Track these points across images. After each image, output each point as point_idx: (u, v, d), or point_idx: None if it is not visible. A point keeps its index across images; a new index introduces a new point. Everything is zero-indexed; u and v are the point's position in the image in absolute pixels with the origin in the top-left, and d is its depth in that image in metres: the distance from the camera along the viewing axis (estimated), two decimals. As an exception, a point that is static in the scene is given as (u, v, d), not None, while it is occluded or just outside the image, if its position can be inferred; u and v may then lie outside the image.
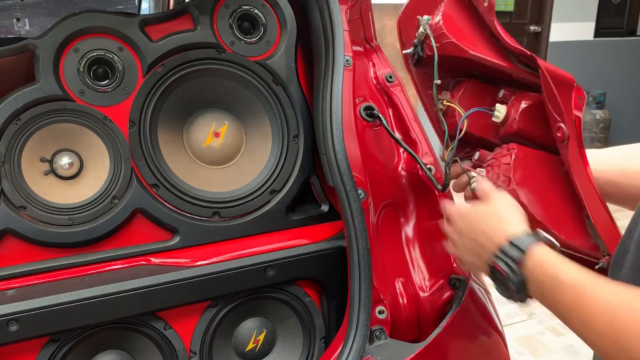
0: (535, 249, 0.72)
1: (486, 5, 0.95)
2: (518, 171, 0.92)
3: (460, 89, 1.04)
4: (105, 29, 1.06)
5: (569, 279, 0.67)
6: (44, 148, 1.04)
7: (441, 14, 1.00)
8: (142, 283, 1.00)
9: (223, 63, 1.14)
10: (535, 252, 0.72)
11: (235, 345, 1.13)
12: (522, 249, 0.73)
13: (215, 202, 1.12)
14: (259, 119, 1.18)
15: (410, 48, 1.08)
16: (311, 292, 1.16)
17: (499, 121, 0.97)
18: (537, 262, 0.71)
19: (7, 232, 0.99)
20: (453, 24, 0.99)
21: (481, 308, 1.15)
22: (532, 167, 0.94)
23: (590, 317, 0.62)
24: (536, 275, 0.71)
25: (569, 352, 2.59)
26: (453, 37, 0.97)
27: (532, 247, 0.73)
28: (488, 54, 0.96)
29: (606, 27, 5.80)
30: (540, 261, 0.71)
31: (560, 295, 0.67)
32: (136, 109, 1.08)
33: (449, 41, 0.97)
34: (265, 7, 1.17)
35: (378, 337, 1.04)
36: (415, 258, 1.16)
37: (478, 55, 0.96)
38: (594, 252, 0.91)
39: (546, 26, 5.57)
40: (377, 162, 1.16)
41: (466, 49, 0.96)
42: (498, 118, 0.97)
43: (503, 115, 0.96)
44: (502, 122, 0.98)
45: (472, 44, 0.97)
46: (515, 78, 0.97)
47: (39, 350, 0.98)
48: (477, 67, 0.99)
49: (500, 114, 0.97)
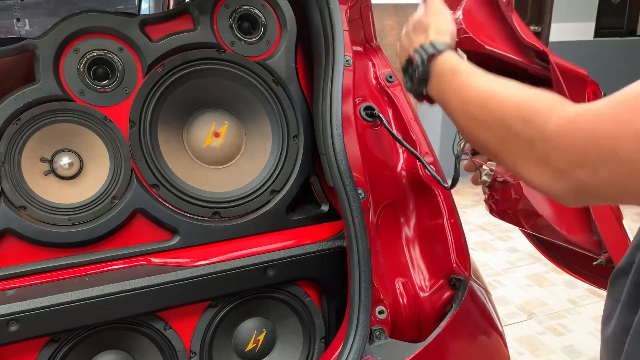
0: (448, 52, 0.82)
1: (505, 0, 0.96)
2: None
3: None
4: (105, 29, 1.06)
5: (464, 70, 0.77)
6: (44, 148, 1.04)
7: (462, 9, 1.01)
8: (142, 283, 1.00)
9: (223, 63, 1.14)
10: (447, 53, 0.82)
11: (235, 345, 1.13)
12: (438, 48, 0.83)
13: (215, 202, 1.12)
14: (259, 119, 1.18)
15: None
16: (311, 292, 1.16)
17: None
18: (444, 60, 0.81)
19: (7, 232, 0.99)
20: (473, 19, 1.00)
21: (481, 308, 1.15)
22: None
23: (468, 94, 0.73)
24: (440, 69, 0.81)
25: (569, 352, 2.59)
26: (471, 32, 0.98)
27: (446, 50, 0.82)
28: (505, 49, 0.97)
29: (606, 27, 5.80)
30: (447, 60, 0.81)
31: (451, 82, 0.77)
32: (136, 109, 1.08)
33: (466, 36, 0.98)
34: (265, 7, 1.17)
35: (378, 337, 1.04)
36: (415, 258, 1.16)
37: (493, 49, 0.97)
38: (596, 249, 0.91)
39: (546, 26, 5.56)
40: (377, 162, 1.16)
41: (482, 44, 0.97)
42: None
43: None
44: None
45: (490, 39, 0.98)
46: (531, 73, 0.97)
47: (39, 350, 0.98)
48: (496, 62, 1.00)
49: None
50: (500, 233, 3.93)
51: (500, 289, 3.12)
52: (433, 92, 0.82)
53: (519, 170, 0.65)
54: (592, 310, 2.91)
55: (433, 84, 0.81)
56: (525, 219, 0.94)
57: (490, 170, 0.97)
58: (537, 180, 0.63)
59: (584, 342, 2.65)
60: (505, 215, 0.97)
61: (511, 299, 3.03)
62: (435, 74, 0.81)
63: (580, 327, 2.78)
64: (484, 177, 0.97)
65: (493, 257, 3.55)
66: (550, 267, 3.35)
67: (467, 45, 0.99)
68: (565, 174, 0.59)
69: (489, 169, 0.97)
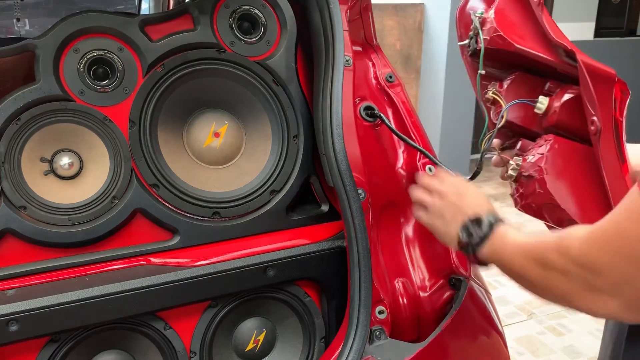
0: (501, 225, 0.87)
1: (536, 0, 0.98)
2: (550, 161, 0.95)
3: (508, 81, 1.06)
4: (105, 29, 1.06)
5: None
6: (44, 148, 1.04)
7: (494, 8, 1.03)
8: (142, 283, 1.00)
9: (223, 63, 1.14)
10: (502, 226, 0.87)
11: (235, 345, 1.13)
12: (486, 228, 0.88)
13: (215, 202, 1.12)
14: (259, 119, 1.18)
15: (466, 40, 1.11)
16: (311, 292, 1.16)
17: (541, 112, 1.00)
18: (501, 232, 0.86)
19: (7, 232, 0.99)
20: (505, 18, 1.01)
21: (481, 308, 1.15)
22: (566, 158, 0.96)
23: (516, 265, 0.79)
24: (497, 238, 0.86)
25: (569, 352, 2.59)
26: (501, 31, 1.00)
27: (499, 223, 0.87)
28: (535, 48, 0.98)
29: (606, 27, 5.80)
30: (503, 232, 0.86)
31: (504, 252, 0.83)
32: (136, 109, 1.08)
33: (497, 34, 1.00)
34: (265, 7, 1.17)
35: (378, 337, 1.04)
36: (415, 258, 1.16)
37: (523, 48, 0.98)
38: None
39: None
40: (377, 162, 1.16)
41: (512, 42, 0.99)
42: (540, 109, 0.99)
43: (545, 107, 0.99)
44: (544, 114, 1.00)
45: (521, 38, 0.99)
46: (560, 72, 0.98)
47: (39, 350, 0.98)
48: (526, 60, 1.01)
49: (542, 105, 0.99)
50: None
51: (500, 289, 3.12)
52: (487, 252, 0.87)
53: (576, 306, 0.69)
54: (592, 310, 2.90)
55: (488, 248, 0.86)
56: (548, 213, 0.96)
57: (517, 165, 0.99)
58: (595, 308, 0.66)
59: (584, 342, 2.65)
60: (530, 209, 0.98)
61: (511, 299, 3.03)
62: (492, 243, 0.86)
63: (580, 327, 2.77)
64: (510, 171, 0.99)
65: (493, 257, 3.55)
66: (550, 267, 3.36)
67: (499, 43, 1.00)
68: (611, 292, 0.63)
69: (515, 163, 0.99)
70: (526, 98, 1.02)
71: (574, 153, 0.96)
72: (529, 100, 1.02)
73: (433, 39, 4.65)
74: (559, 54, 0.97)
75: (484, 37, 1.02)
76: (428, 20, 4.69)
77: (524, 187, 0.97)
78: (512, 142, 1.10)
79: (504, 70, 1.08)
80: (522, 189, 0.98)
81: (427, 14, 4.69)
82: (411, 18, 4.70)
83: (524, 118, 1.04)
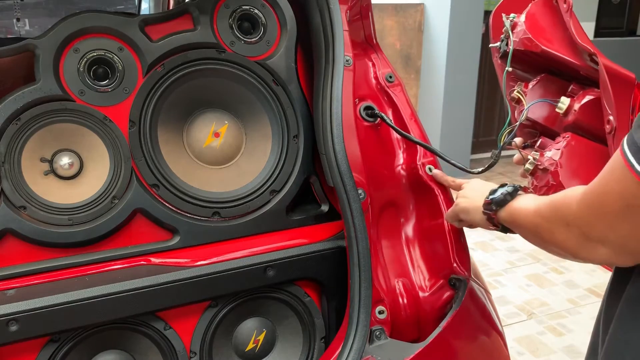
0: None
1: (565, 5, 1.02)
2: (566, 156, 0.99)
3: (534, 82, 1.11)
4: (105, 29, 1.06)
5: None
6: (44, 148, 1.04)
7: (526, 12, 1.08)
8: (142, 283, 1.00)
9: (223, 63, 1.14)
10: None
11: (235, 345, 1.13)
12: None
13: (215, 202, 1.12)
14: (259, 119, 1.18)
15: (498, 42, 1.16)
16: (311, 292, 1.16)
17: (562, 112, 1.03)
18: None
19: (7, 232, 0.99)
20: (535, 22, 1.06)
21: (481, 308, 1.15)
22: (582, 155, 1.00)
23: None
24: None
25: (568, 352, 2.59)
26: (530, 34, 1.05)
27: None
28: (561, 51, 1.02)
29: (606, 27, 5.80)
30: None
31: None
32: (136, 109, 1.08)
33: (526, 37, 1.05)
34: (265, 7, 1.17)
35: (378, 337, 1.04)
36: (415, 258, 1.16)
37: (548, 50, 1.02)
38: None
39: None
40: (377, 162, 1.16)
41: (539, 44, 1.03)
42: (561, 109, 1.03)
43: (566, 107, 1.02)
44: (564, 113, 1.03)
45: (548, 41, 1.04)
46: (584, 75, 1.03)
47: (39, 350, 0.98)
48: (552, 63, 1.06)
49: (563, 105, 1.03)
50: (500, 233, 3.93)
51: (500, 289, 3.12)
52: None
53: (578, 256, 0.79)
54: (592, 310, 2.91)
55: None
56: None
57: (534, 159, 1.03)
58: (590, 256, 0.76)
59: (584, 342, 2.65)
60: None
61: (511, 299, 3.03)
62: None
63: (580, 327, 2.77)
64: (528, 165, 1.03)
65: (493, 257, 3.54)
66: (550, 267, 3.35)
67: (527, 45, 1.05)
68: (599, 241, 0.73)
69: (532, 158, 1.03)
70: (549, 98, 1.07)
71: (589, 151, 1.00)
72: (551, 99, 1.06)
73: (433, 39, 4.65)
74: (583, 58, 1.00)
75: (514, 39, 1.07)
76: (428, 20, 4.69)
77: (539, 180, 1.02)
78: (532, 142, 1.13)
79: (531, 73, 1.13)
80: (537, 181, 1.02)
81: (427, 14, 4.69)
82: (411, 18, 4.70)
83: (545, 117, 1.08)
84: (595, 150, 1.00)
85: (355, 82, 1.14)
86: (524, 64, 1.11)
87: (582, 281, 3.17)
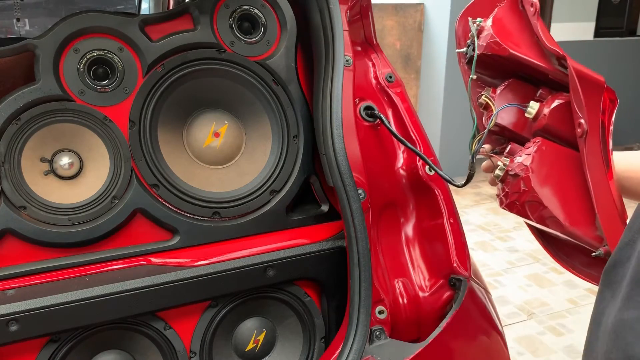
0: None
1: (532, 9, 1.01)
2: (537, 161, 0.97)
3: (502, 87, 1.09)
4: (105, 29, 1.06)
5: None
6: (44, 148, 1.04)
7: (493, 16, 1.07)
8: (142, 283, 1.00)
9: (223, 63, 1.14)
10: None
11: (235, 345, 1.13)
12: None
13: (215, 202, 1.12)
14: (259, 119, 1.18)
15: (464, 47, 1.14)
16: (311, 292, 1.16)
17: (531, 117, 1.02)
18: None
19: (7, 232, 0.99)
20: (502, 26, 1.05)
21: (481, 308, 1.15)
22: (553, 160, 0.99)
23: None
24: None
25: (569, 352, 2.59)
26: (498, 37, 1.03)
27: None
28: (529, 55, 1.01)
29: (606, 27, 5.81)
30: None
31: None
32: (136, 109, 1.08)
33: (493, 40, 1.03)
34: (265, 7, 1.17)
35: (378, 337, 1.04)
36: (415, 258, 1.16)
37: (516, 53, 1.01)
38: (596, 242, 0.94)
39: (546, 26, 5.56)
40: (377, 162, 1.16)
41: (506, 48, 1.02)
42: (530, 114, 1.02)
43: (535, 112, 1.01)
44: (534, 118, 1.02)
45: (515, 45, 1.02)
46: (552, 78, 1.02)
47: (39, 350, 0.98)
48: (520, 67, 1.04)
49: (532, 110, 1.01)
50: (500, 233, 3.93)
51: (500, 289, 3.12)
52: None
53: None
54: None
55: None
56: (531, 210, 0.99)
57: (504, 165, 1.01)
58: None
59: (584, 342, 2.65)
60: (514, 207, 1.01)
61: (511, 299, 3.03)
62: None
63: (580, 327, 2.77)
64: (497, 171, 1.01)
65: (493, 257, 3.55)
66: (550, 267, 3.35)
67: (494, 49, 1.04)
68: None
69: (502, 164, 1.01)
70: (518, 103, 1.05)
71: (560, 156, 0.99)
72: (520, 104, 1.04)
73: (433, 39, 4.65)
74: (551, 61, 1.00)
75: (480, 43, 1.04)
76: (428, 20, 4.69)
77: (510, 186, 1.00)
78: (502, 148, 1.12)
79: (499, 78, 1.11)
80: (508, 187, 1.00)
81: (427, 14, 4.69)
82: (411, 18, 4.70)
83: (514, 122, 1.06)
84: (567, 154, 0.99)
85: (355, 82, 1.14)
86: (492, 69, 1.09)
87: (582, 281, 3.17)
